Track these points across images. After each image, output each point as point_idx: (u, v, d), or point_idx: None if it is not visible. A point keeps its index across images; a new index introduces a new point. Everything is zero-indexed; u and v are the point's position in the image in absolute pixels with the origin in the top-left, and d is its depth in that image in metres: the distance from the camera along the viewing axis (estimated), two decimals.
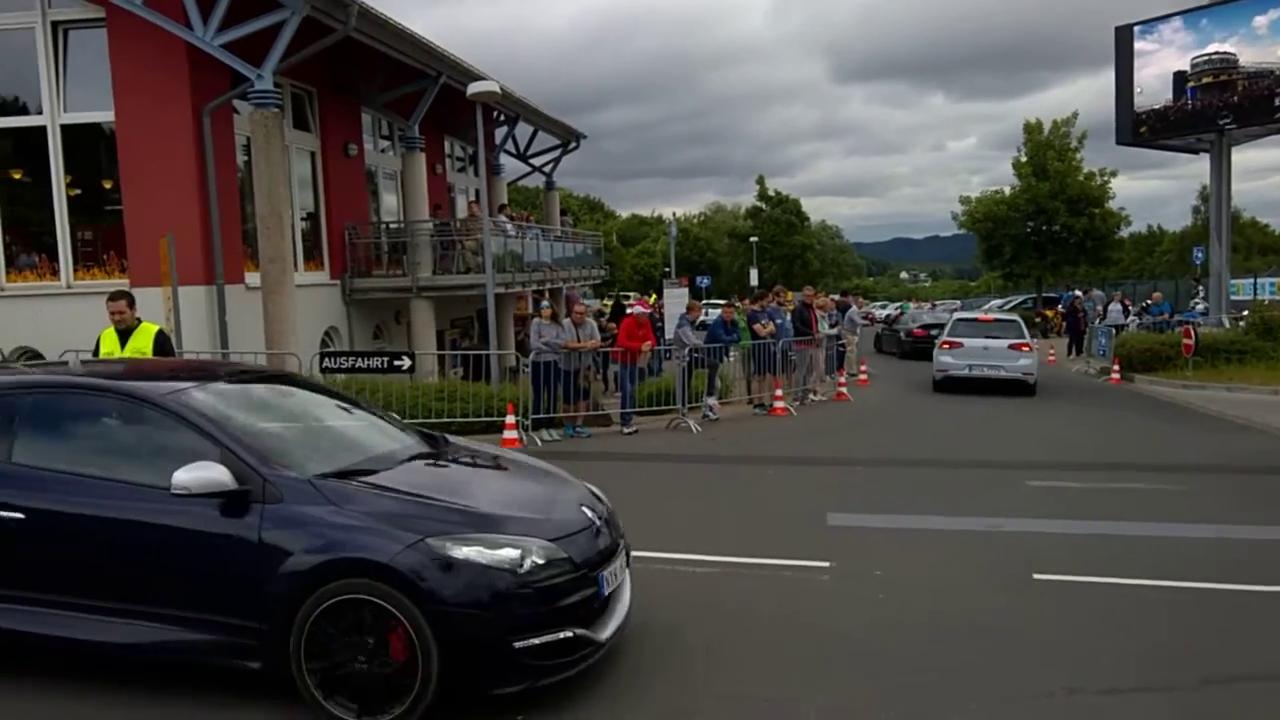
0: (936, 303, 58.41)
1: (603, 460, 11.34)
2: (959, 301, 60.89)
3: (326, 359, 12.52)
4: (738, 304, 16.92)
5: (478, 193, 20.47)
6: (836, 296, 23.13)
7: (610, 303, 26.61)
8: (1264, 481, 9.92)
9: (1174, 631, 5.30)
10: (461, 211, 21.91)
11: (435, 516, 4.16)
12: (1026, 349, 17.65)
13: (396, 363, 12.27)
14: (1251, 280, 30.79)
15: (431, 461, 5.04)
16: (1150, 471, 10.30)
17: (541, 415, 12.44)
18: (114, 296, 7.38)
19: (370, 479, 4.41)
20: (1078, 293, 30.31)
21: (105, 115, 13.08)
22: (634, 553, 6.84)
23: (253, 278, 13.64)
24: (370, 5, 13.98)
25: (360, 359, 12.51)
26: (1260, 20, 21.16)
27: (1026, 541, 7.29)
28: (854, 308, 22.00)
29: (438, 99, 17.83)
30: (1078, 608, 5.73)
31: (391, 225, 18.37)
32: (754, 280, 48.35)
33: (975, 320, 19.54)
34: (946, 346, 18.04)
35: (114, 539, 4.30)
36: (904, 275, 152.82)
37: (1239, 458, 11.26)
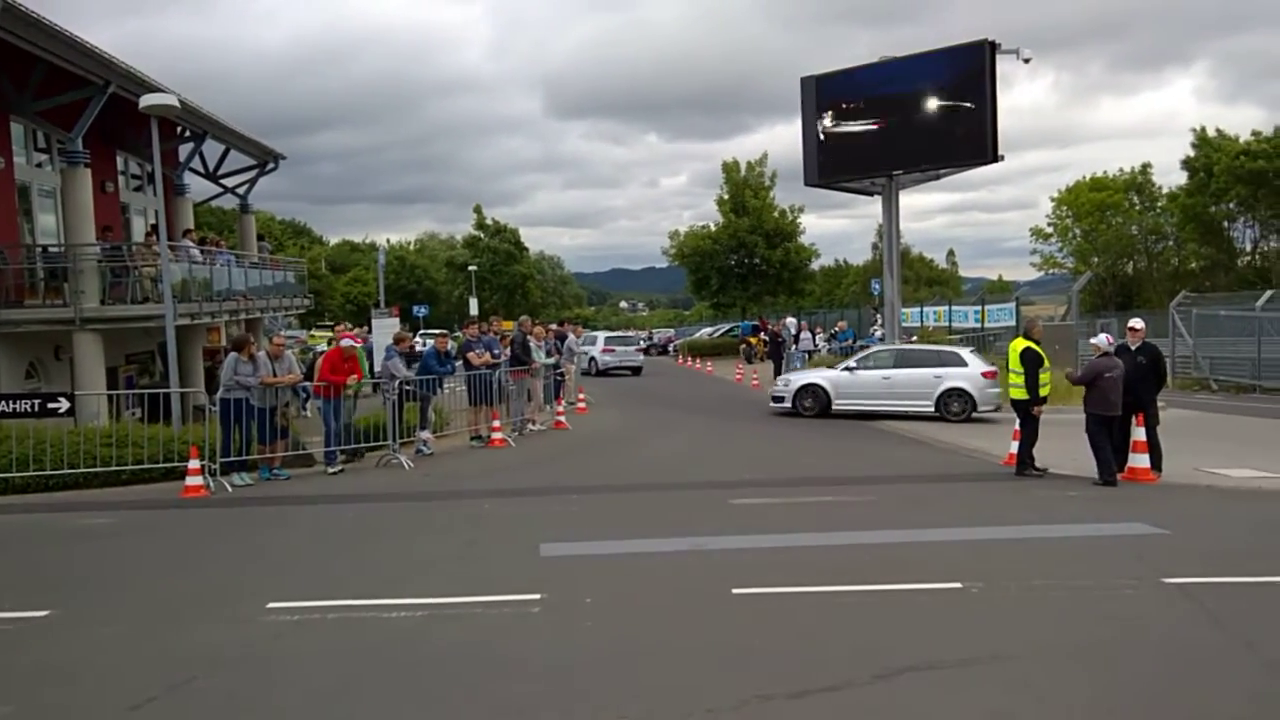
0: (653, 331, 61.82)
1: (302, 504, 10.48)
2: (672, 330, 64.45)
3: None
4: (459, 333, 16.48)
5: (157, 214, 18.58)
6: (554, 326, 23.35)
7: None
8: (933, 489, 11.07)
9: (856, 632, 5.66)
10: (138, 234, 19.72)
11: None
12: (642, 352, 35.11)
13: (51, 405, 10.65)
14: (919, 309, 34.96)
15: None
16: (841, 485, 11.17)
17: (232, 458, 11.31)
18: None
19: None
20: (787, 320, 32.19)
21: None
22: (332, 602, 6.33)
23: None
24: (20, 2, 12.24)
25: (4, 402, 10.70)
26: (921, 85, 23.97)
27: (728, 558, 7.56)
28: (572, 336, 22.29)
29: (110, 111, 15.94)
30: (771, 618, 5.97)
31: (50, 249, 16.11)
32: (474, 309, 47.92)
33: (618, 337, 36.16)
34: (605, 351, 32.80)
35: None
36: (623, 305, 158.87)
37: (914, 468, 12.55)
